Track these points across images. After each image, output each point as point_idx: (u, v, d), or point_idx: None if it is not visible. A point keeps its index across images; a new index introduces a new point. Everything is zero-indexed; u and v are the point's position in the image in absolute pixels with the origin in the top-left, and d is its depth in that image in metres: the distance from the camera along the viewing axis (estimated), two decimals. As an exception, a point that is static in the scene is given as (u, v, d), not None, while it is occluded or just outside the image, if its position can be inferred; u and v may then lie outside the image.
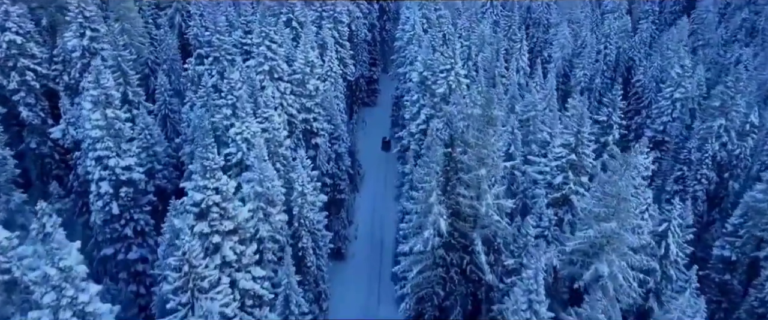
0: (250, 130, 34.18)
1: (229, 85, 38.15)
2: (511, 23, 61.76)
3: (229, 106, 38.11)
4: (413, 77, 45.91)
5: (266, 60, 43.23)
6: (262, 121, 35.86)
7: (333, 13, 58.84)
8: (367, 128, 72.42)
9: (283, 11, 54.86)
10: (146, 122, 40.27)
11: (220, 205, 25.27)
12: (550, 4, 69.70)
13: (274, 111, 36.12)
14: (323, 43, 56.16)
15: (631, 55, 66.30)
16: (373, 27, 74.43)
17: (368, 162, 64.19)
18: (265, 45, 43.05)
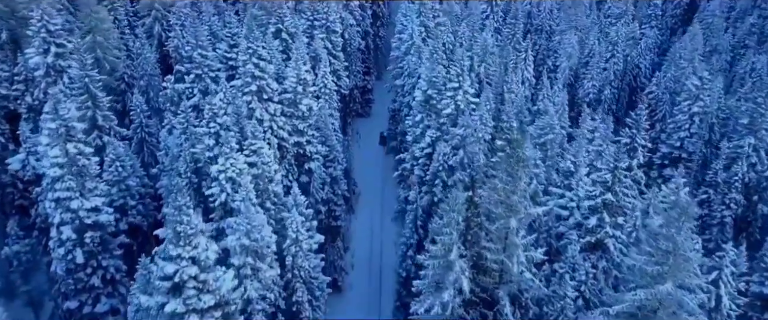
0: (236, 167, 28.72)
1: (211, 111, 32.67)
2: (514, 31, 56.70)
3: (212, 135, 32.65)
4: (416, 95, 40.67)
5: (254, 79, 37.73)
6: (250, 154, 30.43)
7: (325, 23, 53.35)
8: (361, 140, 67.08)
9: (271, 21, 49.29)
10: (117, 152, 34.62)
11: (198, 278, 19.93)
12: (553, 10, 64.72)
13: (263, 142, 30.70)
14: (315, 55, 50.70)
15: (637, 63, 61.56)
16: (367, 34, 69.03)
17: (363, 176, 58.79)
18: (251, 62, 37.54)
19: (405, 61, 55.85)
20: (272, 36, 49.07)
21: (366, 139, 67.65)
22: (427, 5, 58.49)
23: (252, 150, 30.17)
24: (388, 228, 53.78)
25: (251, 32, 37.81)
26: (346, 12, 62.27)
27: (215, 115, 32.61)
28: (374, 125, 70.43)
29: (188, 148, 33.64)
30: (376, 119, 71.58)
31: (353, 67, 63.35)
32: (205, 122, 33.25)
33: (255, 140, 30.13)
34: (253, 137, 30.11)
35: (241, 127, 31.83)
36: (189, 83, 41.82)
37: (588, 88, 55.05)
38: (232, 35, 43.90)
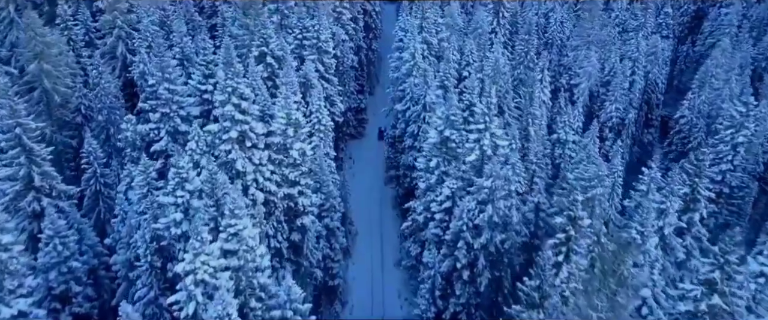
0: (209, 265, 20.38)
1: (178, 176, 24.21)
2: (527, 48, 48.89)
3: (179, 207, 24.22)
4: (430, 135, 32.49)
5: (234, 123, 29.25)
6: (229, 238, 22.06)
7: (316, 42, 44.82)
8: (355, 165, 58.80)
9: (254, 42, 40.69)
10: (57, 226, 25.89)
11: None
12: (564, 22, 57.01)
13: (246, 220, 22.34)
14: (306, 81, 42.28)
15: (654, 79, 54.21)
16: (360, 49, 60.59)
17: (360, 208, 50.50)
18: (231, 103, 29.04)
19: (407, 83, 47.64)
20: (255, 60, 40.47)
21: (360, 162, 59.44)
22: (429, 19, 50.28)
23: (231, 233, 21.81)
24: (390, 273, 45.88)
25: (230, 65, 29.25)
26: (337, 26, 53.77)
27: (183, 180, 24.17)
28: (369, 146, 62.28)
29: (150, 220, 25.17)
30: (371, 140, 63.41)
31: (347, 87, 54.97)
32: (171, 188, 24.80)
33: (235, 219, 21.78)
34: (233, 215, 21.76)
35: (216, 201, 23.38)
36: (154, 123, 33.20)
37: (611, 112, 47.47)
38: (207, 63, 35.24)
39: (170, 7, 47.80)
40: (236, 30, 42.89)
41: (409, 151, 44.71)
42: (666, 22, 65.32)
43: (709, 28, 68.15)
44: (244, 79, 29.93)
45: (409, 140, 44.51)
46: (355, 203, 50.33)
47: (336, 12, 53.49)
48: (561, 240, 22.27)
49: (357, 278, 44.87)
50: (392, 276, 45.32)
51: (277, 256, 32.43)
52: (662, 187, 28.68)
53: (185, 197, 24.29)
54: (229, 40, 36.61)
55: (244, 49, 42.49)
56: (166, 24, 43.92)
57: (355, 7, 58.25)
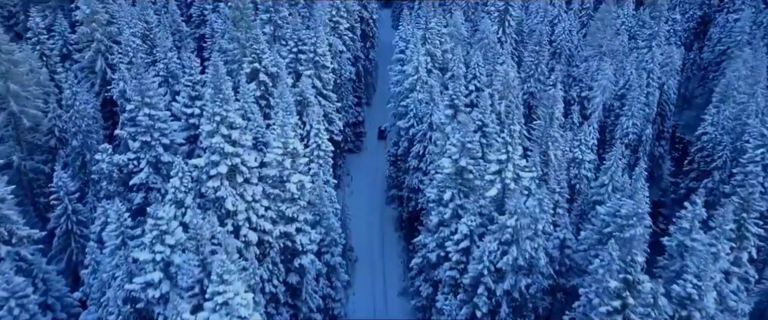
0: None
1: (156, 227, 20.08)
2: (538, 60, 45.11)
3: (158, 264, 20.10)
4: (444, 165, 28.48)
5: (223, 156, 25.14)
6: (217, 307, 17.97)
7: (313, 56, 40.71)
8: (353, 182, 54.81)
9: (245, 58, 36.55)
10: (13, 285, 21.54)
11: None
12: (572, 31, 53.31)
13: (238, 284, 18.26)
14: (302, 99, 38.19)
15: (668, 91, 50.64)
16: (357, 59, 56.54)
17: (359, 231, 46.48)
18: (220, 134, 24.93)
19: (410, 98, 43.68)
20: (247, 77, 36.39)
21: (358, 178, 55.44)
22: (432, 30, 46.32)
23: (220, 302, 17.73)
24: (394, 303, 41.96)
25: (218, 92, 25.11)
26: (334, 36, 49.70)
27: (162, 233, 20.06)
28: (367, 160, 58.28)
29: (124, 277, 21.02)
30: (369, 154, 59.44)
31: (345, 101, 50.94)
32: (148, 241, 20.66)
33: (225, 286, 17.72)
34: (222, 281, 17.70)
35: (202, 262, 19.25)
36: (133, 153, 28.99)
37: (627, 128, 43.77)
38: (194, 84, 31.09)
39: (155, 17, 43.54)
40: (226, 43, 38.74)
41: (415, 172, 40.77)
42: (674, 29, 61.88)
43: (717, 34, 64.77)
44: (235, 104, 25.77)
45: (414, 161, 40.56)
46: (354, 224, 46.32)
47: (333, 21, 49.43)
48: (616, 308, 18.48)
49: (358, 310, 40.86)
50: (396, 307, 41.45)
51: (272, 302, 28.39)
52: (711, 227, 24.93)
53: (165, 253, 20.22)
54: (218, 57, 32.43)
55: (234, 64, 38.38)
56: (149, 37, 39.61)
57: (352, 16, 54.18)
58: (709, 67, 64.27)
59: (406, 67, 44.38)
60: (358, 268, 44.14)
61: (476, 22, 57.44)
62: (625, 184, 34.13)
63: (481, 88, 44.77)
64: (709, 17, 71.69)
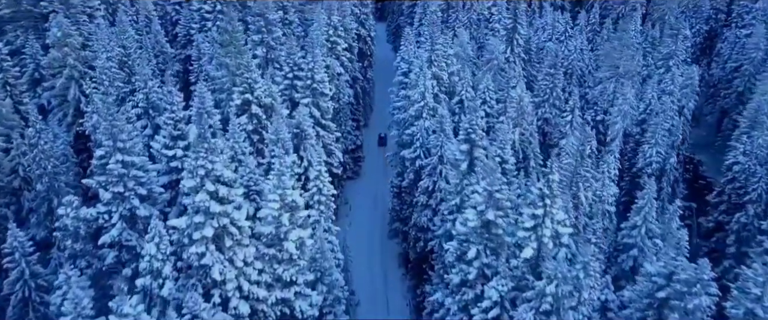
0: None
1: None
2: (553, 83, 41.00)
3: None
4: (468, 217, 24.04)
5: (209, 217, 20.57)
6: None
7: (311, 83, 36.19)
8: (351, 212, 50.27)
9: (236, 88, 31.97)
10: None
11: None
12: (583, 50, 49.35)
13: None
14: (299, 132, 33.62)
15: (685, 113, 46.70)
16: (356, 81, 52.19)
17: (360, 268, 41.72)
18: (205, 190, 20.35)
19: (416, 126, 39.32)
20: (237, 109, 31.80)
21: (358, 207, 50.96)
22: (438, 51, 42.02)
23: None
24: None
25: (204, 140, 20.51)
26: (331, 57, 45.28)
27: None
28: (366, 187, 53.80)
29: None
30: (368, 179, 55.01)
31: (343, 127, 46.48)
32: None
33: None
34: None
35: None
36: (104, 206, 24.27)
37: (650, 156, 39.70)
38: (176, 122, 26.46)
39: (135, 41, 38.82)
40: (214, 71, 34.16)
41: (423, 209, 36.34)
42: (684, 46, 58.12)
43: (727, 50, 61.21)
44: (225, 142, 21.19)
45: (423, 197, 36.12)
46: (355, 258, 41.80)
47: (330, 42, 44.99)
48: None
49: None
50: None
51: None
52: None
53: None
54: (204, 88, 27.93)
55: (223, 93, 33.78)
56: (126, 64, 34.90)
57: (350, 34, 49.81)
58: (719, 85, 60.65)
59: (411, 92, 40.04)
60: (359, 313, 39.53)
61: (480, 39, 53.43)
62: (661, 228, 30.20)
63: (493, 114, 40.67)
64: (715, 32, 68.28)
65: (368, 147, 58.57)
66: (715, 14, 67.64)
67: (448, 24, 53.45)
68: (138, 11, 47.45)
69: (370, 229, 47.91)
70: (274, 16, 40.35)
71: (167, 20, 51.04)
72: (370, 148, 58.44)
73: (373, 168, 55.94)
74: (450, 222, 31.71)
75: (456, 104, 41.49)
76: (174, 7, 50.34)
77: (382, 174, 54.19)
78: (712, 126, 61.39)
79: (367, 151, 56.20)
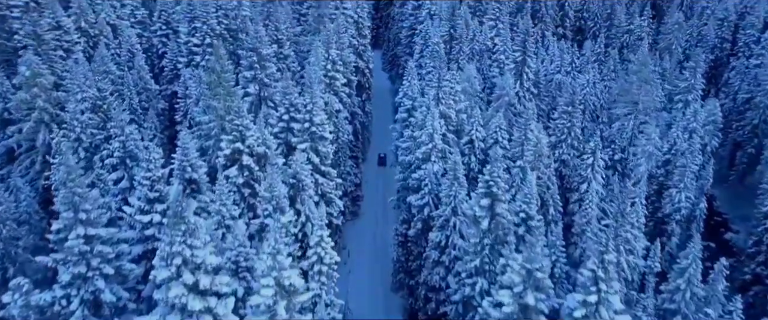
0: None
1: None
2: (571, 123, 37.15)
3: None
4: (501, 301, 19.70)
5: (185, 316, 16.07)
6: None
7: (309, 126, 31.93)
8: (351, 259, 45.53)
9: (225, 136, 27.60)
10: None
11: None
12: (596, 83, 45.74)
13: None
14: (295, 182, 29.20)
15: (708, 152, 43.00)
16: (354, 116, 48.10)
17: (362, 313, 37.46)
18: (182, 283, 15.88)
19: (424, 170, 35.16)
20: (225, 159, 27.41)
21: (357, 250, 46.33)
22: (445, 88, 38.08)
23: None
24: None
25: (179, 219, 16.05)
26: (330, 93, 41.17)
27: None
28: (366, 228, 49.27)
29: None
30: (368, 220, 50.45)
31: (343, 167, 42.18)
32: None
33: None
34: None
35: None
36: (62, 289, 19.64)
37: (679, 202, 35.77)
38: (153, 182, 22.03)
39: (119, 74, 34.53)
40: (200, 115, 29.84)
41: (435, 266, 31.93)
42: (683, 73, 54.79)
43: (736, 81, 58.02)
44: (204, 238, 16.73)
45: (435, 252, 31.70)
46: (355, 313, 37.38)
47: (328, 77, 40.93)
48: None
49: None
50: None
51: None
52: None
53: None
54: (188, 139, 23.59)
55: (210, 140, 29.43)
56: (101, 108, 30.49)
57: (349, 68, 45.83)
58: (730, 116, 57.27)
59: (418, 132, 35.94)
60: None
61: (483, 70, 49.70)
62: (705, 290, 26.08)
63: (507, 156, 36.60)
64: (721, 61, 65.30)
65: (367, 184, 54.48)
66: (720, 43, 64.71)
67: (451, 55, 49.70)
68: (121, 43, 43.28)
69: (372, 278, 43.25)
70: (267, 51, 36.37)
71: (153, 52, 46.87)
72: (369, 177, 54.58)
73: (373, 200, 51.69)
74: (469, 288, 27.41)
75: (466, 144, 37.47)
76: (161, 39, 46.17)
77: (382, 210, 50.06)
78: (723, 159, 57.78)
79: (366, 187, 51.83)
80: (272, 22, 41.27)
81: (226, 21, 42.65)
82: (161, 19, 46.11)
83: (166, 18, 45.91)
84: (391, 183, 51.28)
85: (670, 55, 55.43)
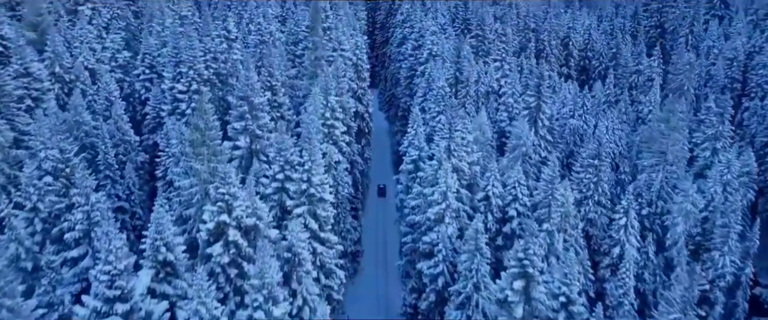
0: None
1: None
2: (597, 177, 32.87)
3: None
4: None
5: None
6: None
7: (307, 187, 27.30)
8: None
9: (207, 207, 22.86)
10: None
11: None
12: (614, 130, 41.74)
13: None
14: (291, 258, 24.44)
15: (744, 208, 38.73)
16: (354, 165, 43.61)
17: None
18: None
19: (436, 233, 30.55)
20: (209, 234, 22.63)
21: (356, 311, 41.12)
22: (455, 138, 33.79)
23: None
24: None
25: None
26: (328, 143, 36.78)
27: None
28: (366, 285, 44.24)
29: None
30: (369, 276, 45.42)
31: (343, 225, 37.43)
32: None
33: None
34: None
35: None
36: None
37: (722, 267, 31.29)
38: (114, 277, 17.17)
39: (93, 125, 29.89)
40: (180, 178, 25.16)
41: (454, 351, 26.97)
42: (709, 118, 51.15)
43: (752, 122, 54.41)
44: None
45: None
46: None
47: (326, 126, 36.61)
48: None
49: None
50: None
51: None
52: None
53: None
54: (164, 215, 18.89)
55: (191, 208, 24.67)
56: (62, 171, 25.70)
57: (348, 114, 41.61)
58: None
59: (429, 189, 31.42)
60: None
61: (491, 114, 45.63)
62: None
63: (526, 213, 32.16)
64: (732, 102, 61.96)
65: (367, 214, 50.38)
66: (730, 83, 61.50)
67: (458, 99, 45.68)
68: (99, 90, 38.83)
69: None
70: (260, 100, 32.03)
71: (135, 98, 42.42)
72: (369, 208, 50.64)
73: (373, 239, 47.15)
74: (501, 387, 22.49)
75: (481, 201, 32.97)
76: (144, 85, 41.79)
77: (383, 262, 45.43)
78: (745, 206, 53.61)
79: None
80: (266, 66, 37.10)
81: (215, 65, 38.47)
82: (145, 62, 41.85)
83: (150, 61, 41.66)
84: (392, 216, 47.56)
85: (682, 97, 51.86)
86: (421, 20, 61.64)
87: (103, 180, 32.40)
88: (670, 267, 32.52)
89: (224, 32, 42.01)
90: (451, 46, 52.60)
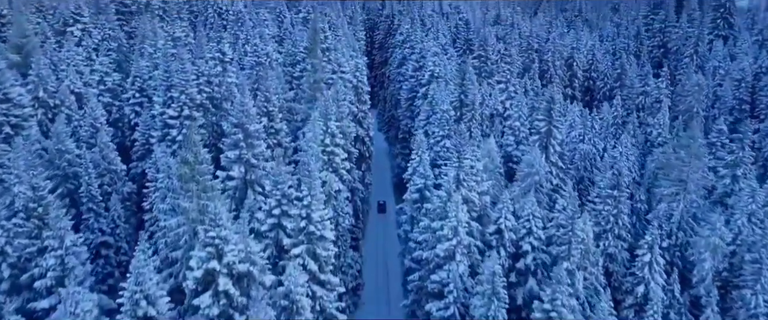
0: None
1: None
2: (617, 209, 30.46)
3: None
4: None
5: None
6: None
7: (306, 225, 24.71)
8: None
9: (195, 252, 20.24)
10: None
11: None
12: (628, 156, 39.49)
13: None
14: (288, 305, 21.79)
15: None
16: (355, 192, 41.08)
17: None
18: None
19: (447, 271, 27.95)
20: (196, 282, 19.96)
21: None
22: (465, 166, 31.31)
23: None
24: None
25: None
26: (328, 171, 34.30)
27: None
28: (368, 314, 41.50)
29: None
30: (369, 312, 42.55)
31: (343, 259, 34.77)
32: None
33: None
34: None
35: None
36: None
37: (755, 307, 28.75)
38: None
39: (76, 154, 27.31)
40: (167, 217, 22.56)
41: None
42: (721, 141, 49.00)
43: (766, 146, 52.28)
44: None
45: None
46: None
47: (326, 153, 34.17)
48: None
49: None
50: None
51: None
52: None
53: None
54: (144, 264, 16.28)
55: (179, 250, 22.02)
56: (35, 210, 22.99)
57: (349, 139, 39.22)
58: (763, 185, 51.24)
59: (438, 224, 28.87)
60: None
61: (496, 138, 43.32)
62: None
63: (540, 248, 29.64)
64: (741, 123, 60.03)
65: (367, 233, 47.96)
66: (738, 104, 59.62)
67: (463, 123, 43.38)
68: (86, 114, 36.35)
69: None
70: (256, 127, 29.57)
71: (124, 123, 39.96)
72: (370, 226, 48.02)
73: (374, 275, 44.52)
74: None
75: (493, 235, 30.44)
76: (133, 109, 39.35)
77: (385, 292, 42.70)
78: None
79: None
80: (262, 90, 34.75)
81: (208, 89, 36.12)
82: (135, 86, 39.46)
83: (140, 85, 39.27)
84: (392, 234, 45.19)
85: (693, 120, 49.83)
86: (421, 40, 59.73)
87: (86, 214, 29.81)
88: (697, 307, 30.00)
89: (219, 54, 39.75)
90: (454, 68, 50.58)
